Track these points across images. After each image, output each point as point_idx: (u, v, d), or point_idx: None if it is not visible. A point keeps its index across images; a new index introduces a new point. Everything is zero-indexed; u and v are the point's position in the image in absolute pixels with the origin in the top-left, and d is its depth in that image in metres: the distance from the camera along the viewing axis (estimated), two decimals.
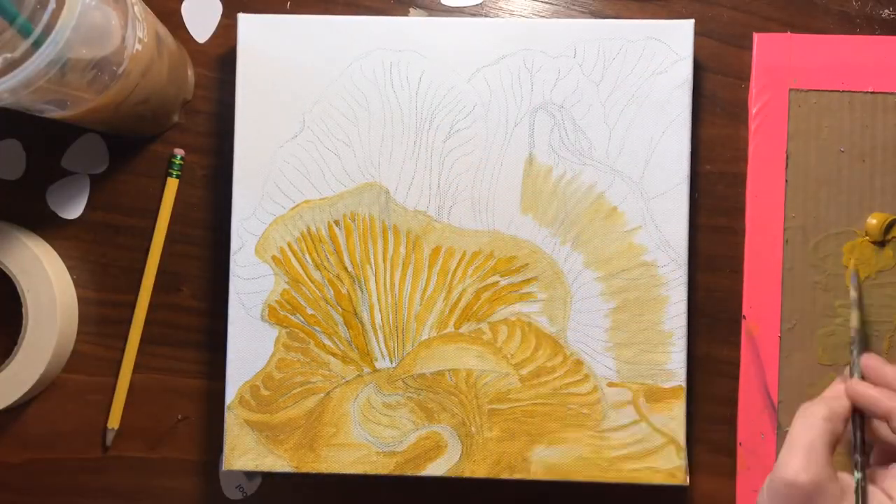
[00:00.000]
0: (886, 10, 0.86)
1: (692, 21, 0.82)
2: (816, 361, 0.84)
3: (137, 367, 0.87)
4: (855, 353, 0.76)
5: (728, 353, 0.86)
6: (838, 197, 0.84)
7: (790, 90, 0.84)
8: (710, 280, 0.86)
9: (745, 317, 0.84)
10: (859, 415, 0.72)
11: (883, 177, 0.84)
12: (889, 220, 0.83)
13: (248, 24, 0.82)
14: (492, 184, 0.82)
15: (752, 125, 0.84)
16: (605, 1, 0.87)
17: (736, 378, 0.85)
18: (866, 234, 0.84)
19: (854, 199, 0.84)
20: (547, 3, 0.87)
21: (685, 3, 0.86)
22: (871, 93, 0.84)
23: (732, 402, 0.85)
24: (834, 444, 0.69)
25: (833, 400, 0.71)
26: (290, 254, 0.82)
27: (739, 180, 0.86)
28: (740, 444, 0.85)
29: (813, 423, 0.69)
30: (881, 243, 0.84)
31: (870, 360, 0.74)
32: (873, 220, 0.83)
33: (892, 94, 0.84)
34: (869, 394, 0.71)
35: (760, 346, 0.84)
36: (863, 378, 0.74)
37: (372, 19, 0.82)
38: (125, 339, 0.87)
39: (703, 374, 0.86)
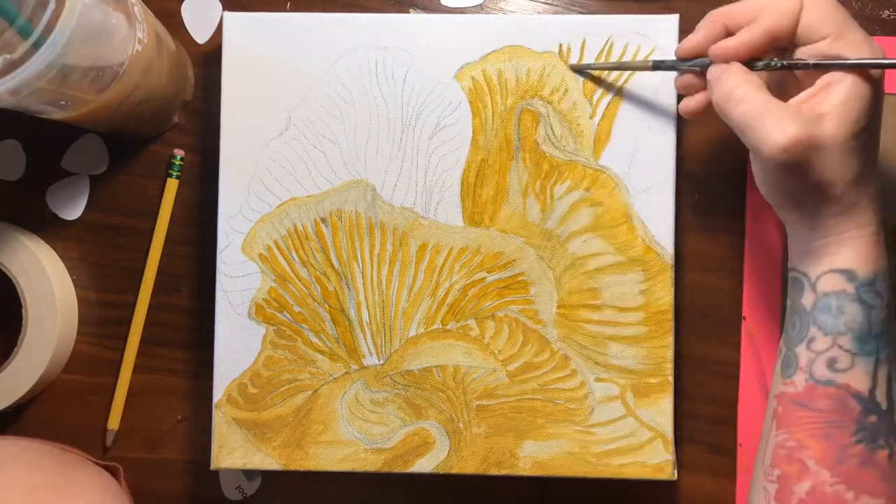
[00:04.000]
0: (886, 11, 0.86)
1: (677, 16, 0.81)
2: None
3: (137, 368, 0.87)
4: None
5: (728, 354, 0.85)
6: None
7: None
8: (711, 280, 0.85)
9: (745, 317, 0.84)
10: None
11: (883, 177, 0.83)
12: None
13: (233, 23, 0.82)
14: (478, 180, 0.82)
15: None
16: (603, 1, 0.87)
17: (736, 378, 0.85)
18: None
19: None
20: (546, 3, 0.87)
21: (684, 3, 0.86)
22: None
23: (732, 403, 0.85)
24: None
25: (728, 71, 0.69)
26: (276, 251, 0.82)
27: (739, 181, 0.85)
28: (740, 444, 0.84)
29: (742, 94, 0.67)
30: None
31: (684, 46, 0.73)
32: None
33: (892, 94, 0.83)
34: (737, 45, 0.69)
35: (760, 346, 0.84)
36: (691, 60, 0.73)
37: (357, 16, 0.82)
38: (125, 339, 0.87)
39: (703, 375, 0.85)
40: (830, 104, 0.66)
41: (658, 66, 0.77)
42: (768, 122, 0.65)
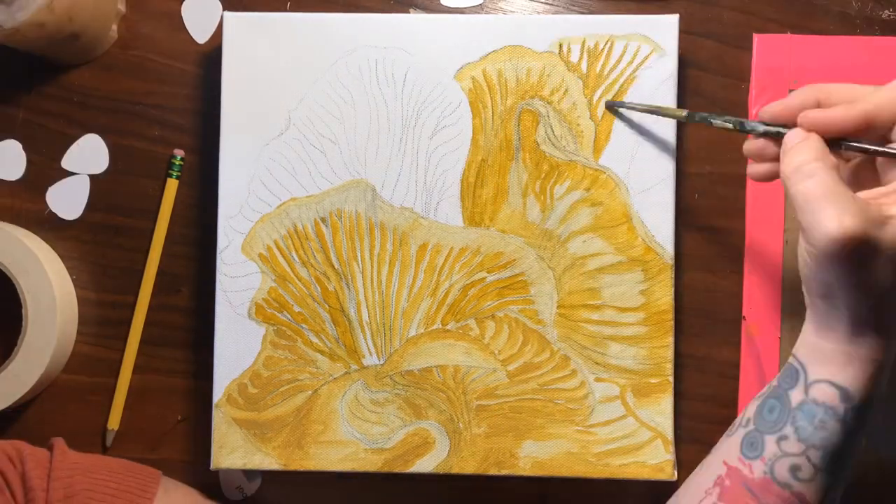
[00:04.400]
0: (886, 11, 0.86)
1: (676, 16, 0.81)
2: None
3: (137, 368, 0.87)
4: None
5: (728, 354, 0.85)
6: None
7: (790, 91, 0.83)
8: (710, 281, 0.85)
9: (745, 317, 0.84)
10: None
11: None
12: None
13: (233, 23, 0.83)
14: (478, 180, 0.82)
15: None
16: (604, 1, 0.87)
17: (736, 378, 0.85)
18: None
19: None
20: (546, 3, 0.87)
21: (685, 3, 0.86)
22: None
23: (732, 403, 0.85)
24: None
25: (806, 143, 0.64)
26: (276, 251, 0.82)
27: (739, 181, 0.85)
28: None
29: (811, 170, 0.61)
30: None
31: (771, 109, 0.68)
32: None
33: None
34: (829, 116, 0.64)
35: (760, 346, 0.83)
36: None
37: (357, 16, 0.83)
38: (125, 339, 0.87)
39: (703, 375, 0.85)
40: None
41: (691, 118, 0.75)
42: (828, 207, 0.59)
